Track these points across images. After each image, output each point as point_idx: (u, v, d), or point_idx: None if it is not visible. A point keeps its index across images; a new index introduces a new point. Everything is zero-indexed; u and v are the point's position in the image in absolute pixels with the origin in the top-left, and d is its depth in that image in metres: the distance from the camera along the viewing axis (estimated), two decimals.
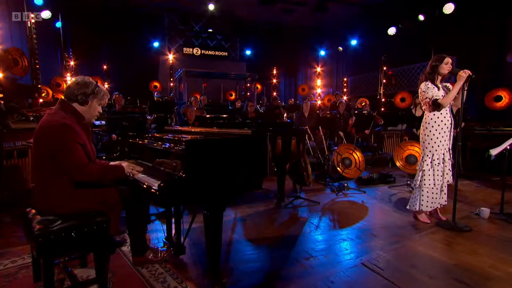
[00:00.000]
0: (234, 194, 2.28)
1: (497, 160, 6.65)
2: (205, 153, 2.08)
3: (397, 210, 4.40)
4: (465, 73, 3.48)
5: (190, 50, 12.99)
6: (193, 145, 2.06)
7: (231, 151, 2.21)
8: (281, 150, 3.07)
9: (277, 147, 3.14)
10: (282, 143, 3.21)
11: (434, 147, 3.78)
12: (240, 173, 2.26)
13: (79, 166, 2.13)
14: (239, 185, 2.27)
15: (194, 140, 2.12)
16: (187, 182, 2.00)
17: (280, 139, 3.22)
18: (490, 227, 3.74)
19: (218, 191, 2.15)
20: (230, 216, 4.08)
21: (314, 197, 4.97)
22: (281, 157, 3.52)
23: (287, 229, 3.67)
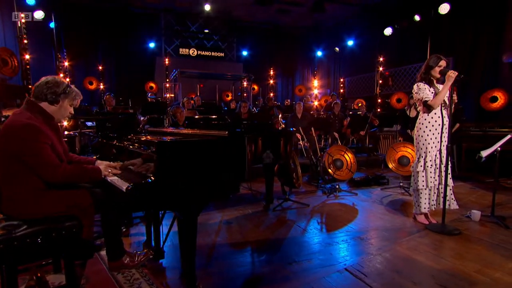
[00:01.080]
0: (208, 198, 2.22)
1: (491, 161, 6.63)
2: (175, 155, 2.01)
3: (387, 212, 4.33)
4: (454, 74, 3.40)
5: (186, 51, 12.92)
6: (163, 147, 2.00)
7: (205, 153, 2.14)
8: (260, 152, 2.98)
9: (257, 149, 3.07)
10: (262, 144, 3.13)
11: (428, 149, 3.73)
12: (215, 176, 2.20)
13: (51, 167, 2.06)
14: (213, 188, 2.20)
15: (164, 142, 2.05)
16: (156, 185, 1.94)
17: (260, 140, 3.14)
18: (480, 230, 3.67)
19: (190, 195, 2.08)
20: (216, 219, 4.02)
21: (304, 199, 4.91)
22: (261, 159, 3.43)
23: (273, 232, 3.60)
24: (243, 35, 13.77)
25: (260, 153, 3.14)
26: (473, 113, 8.59)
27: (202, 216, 4.06)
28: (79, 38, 10.46)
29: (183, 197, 2.05)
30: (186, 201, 2.07)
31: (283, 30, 14.01)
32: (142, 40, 11.96)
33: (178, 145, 2.08)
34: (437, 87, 3.71)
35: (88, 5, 10.72)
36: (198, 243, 3.24)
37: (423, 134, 3.72)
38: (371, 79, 11.81)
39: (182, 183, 2.02)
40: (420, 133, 3.75)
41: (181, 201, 2.05)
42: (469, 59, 8.77)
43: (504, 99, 7.63)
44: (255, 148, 3.03)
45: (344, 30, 12.61)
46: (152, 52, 12.29)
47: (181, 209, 2.10)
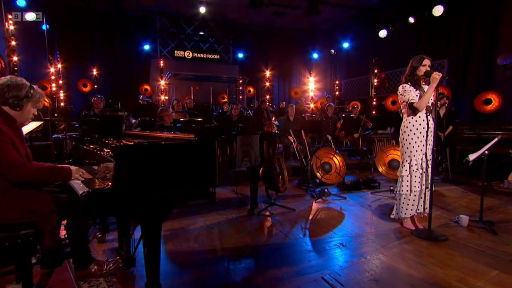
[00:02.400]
0: (171, 205, 2.13)
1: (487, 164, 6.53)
2: (133, 160, 1.92)
3: (374, 217, 4.24)
4: (438, 75, 3.32)
5: (182, 53, 12.83)
6: (119, 151, 1.91)
7: (166, 158, 2.05)
8: (228, 157, 2.88)
9: (231, 153, 2.97)
10: (236, 149, 3.03)
11: (413, 152, 3.64)
12: (178, 181, 2.10)
13: (16, 165, 1.99)
14: (176, 195, 2.11)
15: (120, 146, 1.96)
16: (112, 192, 1.85)
17: (234, 143, 3.05)
18: (467, 235, 3.57)
19: (150, 202, 1.99)
20: (197, 224, 3.93)
21: (291, 203, 4.81)
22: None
23: (254, 239, 3.50)
24: (239, 37, 13.69)
25: (235, 156, 3.04)
26: (467, 115, 8.49)
27: (183, 221, 4.01)
28: (73, 41, 10.37)
29: (142, 204, 1.96)
30: (146, 208, 1.98)
31: (279, 32, 13.93)
32: (137, 43, 11.88)
33: (136, 149, 1.98)
34: (424, 88, 3.62)
35: (82, 7, 10.65)
36: (175, 250, 3.18)
37: (408, 137, 3.63)
38: (366, 81, 11.73)
39: (140, 190, 1.93)
40: (404, 137, 3.67)
41: (140, 208, 1.96)
42: (464, 61, 8.68)
43: (498, 102, 7.55)
44: (230, 152, 2.94)
45: (340, 32, 12.52)
46: (147, 55, 12.21)
47: (141, 217, 2.01)
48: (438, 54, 9.41)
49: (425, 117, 3.55)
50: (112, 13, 11.17)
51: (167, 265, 2.87)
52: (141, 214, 1.99)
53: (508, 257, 2.99)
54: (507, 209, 4.59)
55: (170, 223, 3.94)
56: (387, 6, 10.70)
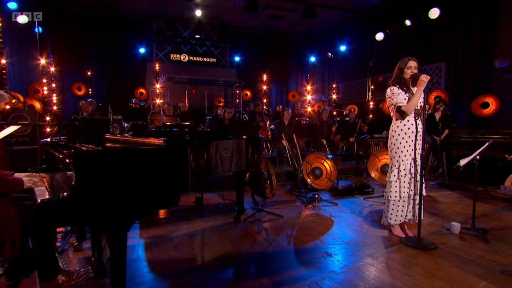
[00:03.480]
0: (137, 214, 2.01)
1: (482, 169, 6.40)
2: (94, 167, 1.82)
3: (364, 224, 4.12)
4: (426, 78, 3.21)
5: (178, 57, 12.76)
6: (78, 157, 1.80)
7: (131, 164, 1.94)
8: (205, 162, 2.77)
9: (208, 158, 2.86)
10: (213, 153, 2.92)
11: (401, 157, 3.53)
12: (145, 189, 2.00)
13: None
14: (143, 203, 2.00)
15: (79, 152, 1.85)
16: (69, 200, 1.74)
17: (211, 148, 2.93)
18: (457, 244, 3.44)
19: (112, 211, 1.88)
20: (180, 231, 3.82)
21: (280, 209, 4.69)
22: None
23: (236, 247, 3.38)
24: (236, 40, 13.61)
25: (212, 161, 2.93)
26: (465, 119, 8.37)
27: (166, 228, 3.90)
28: (67, 44, 10.30)
29: (102, 214, 1.85)
30: (106, 218, 1.87)
31: (276, 36, 13.85)
32: (133, 46, 11.81)
33: (94, 155, 1.88)
34: (413, 91, 3.51)
35: (77, 11, 10.61)
36: (153, 259, 3.07)
37: (396, 142, 3.52)
38: (364, 84, 11.63)
39: (99, 198, 1.82)
40: (393, 141, 3.55)
41: (99, 218, 1.85)
42: (461, 64, 8.58)
43: (496, 105, 7.42)
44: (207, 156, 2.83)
45: (337, 35, 12.44)
46: (143, 58, 12.14)
47: (102, 227, 1.90)
48: (435, 57, 9.31)
49: (414, 121, 3.44)
50: (108, 16, 11.14)
51: (143, 275, 2.76)
52: (101, 225, 1.88)
53: (498, 267, 2.86)
54: (502, 216, 4.46)
55: (153, 230, 3.84)
56: (384, 9, 10.62)
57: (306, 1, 10.67)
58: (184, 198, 5.31)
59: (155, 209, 2.08)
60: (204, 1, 10.91)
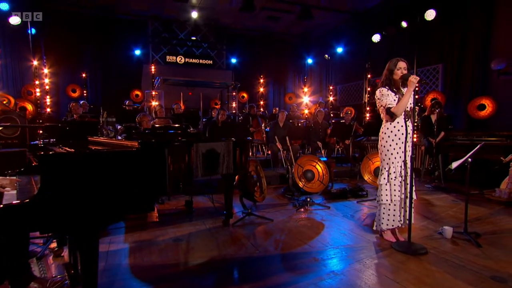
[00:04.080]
0: (107, 219, 1.93)
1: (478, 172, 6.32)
2: (58, 170, 1.74)
3: (355, 228, 4.04)
4: (415, 79, 3.13)
5: (174, 58, 12.70)
6: (44, 160, 1.73)
7: (101, 167, 1.87)
8: (186, 165, 2.69)
9: (190, 161, 2.78)
10: (194, 156, 2.84)
11: (391, 160, 3.45)
12: (116, 193, 1.92)
13: None
14: (114, 208, 1.92)
15: (46, 155, 1.77)
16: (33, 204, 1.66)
17: (192, 151, 2.85)
18: (449, 248, 3.36)
19: (80, 217, 1.80)
20: (166, 236, 3.73)
21: (271, 213, 4.61)
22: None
23: (222, 252, 3.30)
24: (233, 42, 13.55)
25: (193, 164, 2.85)
26: (463, 121, 8.30)
27: (152, 232, 3.82)
28: (62, 45, 10.23)
29: (68, 219, 1.77)
30: (73, 224, 1.79)
31: (273, 38, 13.80)
32: (129, 48, 11.74)
33: (60, 158, 1.80)
34: (403, 92, 3.44)
35: (72, 11, 10.55)
36: (135, 264, 2.99)
37: (386, 144, 3.44)
38: (361, 86, 11.56)
39: (65, 203, 1.74)
40: (383, 143, 3.48)
41: (65, 224, 1.77)
42: (458, 66, 8.51)
43: (492, 107, 7.36)
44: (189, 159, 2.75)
45: (334, 37, 12.39)
46: (139, 60, 12.07)
47: (69, 233, 1.82)
48: (432, 59, 9.26)
49: (404, 122, 3.36)
50: (103, 17, 11.08)
51: (124, 281, 2.68)
52: (68, 231, 1.80)
53: (489, 272, 2.78)
54: (496, 220, 4.37)
55: (139, 234, 3.76)
56: (381, 10, 10.57)
57: (303, 3, 10.63)
58: (174, 202, 5.24)
59: (127, 214, 1.99)
60: (200, 2, 10.85)
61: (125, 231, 3.85)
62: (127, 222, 4.18)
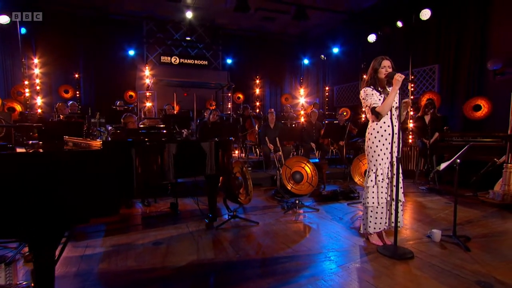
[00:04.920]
0: (64, 224, 1.82)
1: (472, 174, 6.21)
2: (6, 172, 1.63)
3: (342, 231, 3.92)
4: (400, 77, 3.03)
5: (168, 59, 12.61)
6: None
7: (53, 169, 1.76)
8: (159, 166, 2.58)
9: (163, 162, 2.66)
10: (167, 157, 2.72)
11: (378, 161, 3.34)
12: (73, 196, 1.81)
13: None
14: (69, 212, 1.81)
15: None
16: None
17: (165, 151, 2.73)
18: (436, 252, 3.24)
19: (29, 221, 1.69)
20: (146, 239, 3.62)
21: (257, 216, 4.50)
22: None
23: (201, 256, 3.19)
24: (229, 43, 13.46)
25: (167, 165, 2.73)
26: (459, 122, 8.19)
27: (132, 235, 3.71)
28: (54, 45, 10.14)
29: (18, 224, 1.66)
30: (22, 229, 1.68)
31: (269, 38, 13.71)
32: (123, 48, 11.64)
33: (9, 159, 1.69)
34: (389, 91, 3.33)
35: (65, 11, 10.46)
36: (108, 270, 2.88)
37: (372, 145, 3.33)
38: (357, 87, 11.45)
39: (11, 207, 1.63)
40: (369, 144, 3.37)
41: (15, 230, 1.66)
42: (454, 66, 8.41)
43: (488, 108, 7.25)
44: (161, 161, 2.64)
45: (331, 38, 12.29)
46: (133, 60, 11.97)
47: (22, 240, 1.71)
48: (429, 59, 9.15)
49: (390, 122, 3.25)
50: (97, 17, 10.98)
51: (92, 287, 2.57)
52: (19, 237, 1.69)
53: (475, 277, 2.67)
54: (487, 223, 4.26)
55: (118, 238, 3.65)
56: (376, 10, 10.47)
57: (298, 3, 10.53)
58: (161, 204, 5.13)
59: (86, 218, 1.88)
60: (195, 2, 10.76)
61: (105, 235, 3.74)
62: (108, 225, 4.08)
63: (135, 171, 2.14)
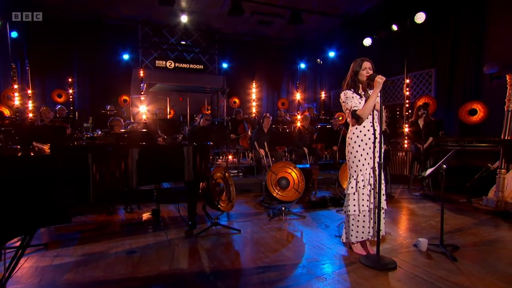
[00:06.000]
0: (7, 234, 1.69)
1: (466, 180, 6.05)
2: None
3: (326, 240, 3.78)
4: (381, 79, 2.90)
5: (163, 63, 12.54)
6: None
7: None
8: (123, 172, 2.45)
9: (126, 168, 2.53)
10: (131, 163, 2.59)
11: (359, 167, 3.20)
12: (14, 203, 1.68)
13: None
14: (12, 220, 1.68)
15: None
16: None
17: (129, 157, 2.59)
18: (421, 263, 3.09)
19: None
20: (120, 247, 3.48)
21: (242, 223, 4.36)
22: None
23: (173, 266, 3.03)
24: (225, 47, 13.38)
25: (131, 171, 2.60)
26: (455, 127, 8.03)
27: (107, 243, 3.57)
28: (47, 49, 10.08)
29: None
30: None
31: (266, 42, 13.63)
32: (118, 52, 11.55)
33: None
34: (370, 94, 3.20)
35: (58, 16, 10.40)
36: (74, 281, 2.74)
37: (353, 150, 3.20)
38: None
39: None
40: (349, 149, 3.24)
41: None
42: (451, 70, 8.27)
43: (484, 112, 7.09)
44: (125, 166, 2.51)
45: (327, 42, 12.18)
46: (128, 65, 11.90)
47: None
48: (425, 63, 9.02)
49: (370, 126, 3.12)
50: (92, 21, 10.91)
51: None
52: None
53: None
54: (479, 231, 4.11)
55: (91, 246, 3.52)
56: (372, 14, 10.37)
57: (294, 7, 10.45)
58: (145, 210, 5.01)
59: (30, 228, 1.75)
60: (190, 6, 10.70)
61: (78, 243, 3.61)
62: (84, 233, 3.96)
63: (91, 178, 2.01)
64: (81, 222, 4.41)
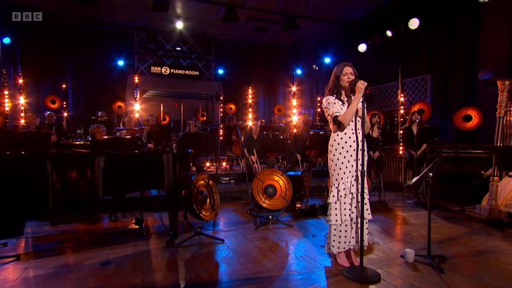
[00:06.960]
0: None
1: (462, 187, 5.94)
2: None
3: (310, 251, 3.66)
4: (363, 85, 2.81)
5: (159, 69, 12.48)
6: None
7: None
8: (89, 181, 2.35)
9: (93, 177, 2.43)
10: (97, 171, 2.48)
11: (340, 175, 3.10)
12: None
13: None
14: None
15: None
16: None
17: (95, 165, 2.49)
18: (406, 275, 2.97)
19: None
20: (96, 258, 3.36)
21: (226, 232, 4.25)
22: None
23: (148, 278, 2.91)
24: (221, 53, 13.32)
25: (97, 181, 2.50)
26: (451, 133, 7.92)
27: (82, 254, 3.46)
28: (41, 55, 10.03)
29: None
30: None
31: (262, 49, 13.58)
32: (113, 58, 11.51)
33: None
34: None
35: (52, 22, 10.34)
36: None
37: (334, 157, 3.10)
38: None
39: None
40: (330, 157, 3.14)
41: None
42: (446, 76, 8.19)
43: (479, 118, 6.98)
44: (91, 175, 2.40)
45: (324, 48, 12.12)
46: (123, 71, 11.84)
47: None
48: (421, 69, 8.94)
49: (352, 133, 3.01)
50: (86, 28, 10.88)
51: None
52: None
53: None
54: (470, 240, 3.98)
55: (66, 257, 3.40)
56: (368, 20, 10.31)
57: (290, 13, 10.40)
58: (130, 218, 4.89)
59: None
60: (185, 13, 10.67)
61: (54, 254, 3.49)
62: (62, 243, 3.84)
63: (51, 187, 1.90)
64: (62, 231, 4.30)
